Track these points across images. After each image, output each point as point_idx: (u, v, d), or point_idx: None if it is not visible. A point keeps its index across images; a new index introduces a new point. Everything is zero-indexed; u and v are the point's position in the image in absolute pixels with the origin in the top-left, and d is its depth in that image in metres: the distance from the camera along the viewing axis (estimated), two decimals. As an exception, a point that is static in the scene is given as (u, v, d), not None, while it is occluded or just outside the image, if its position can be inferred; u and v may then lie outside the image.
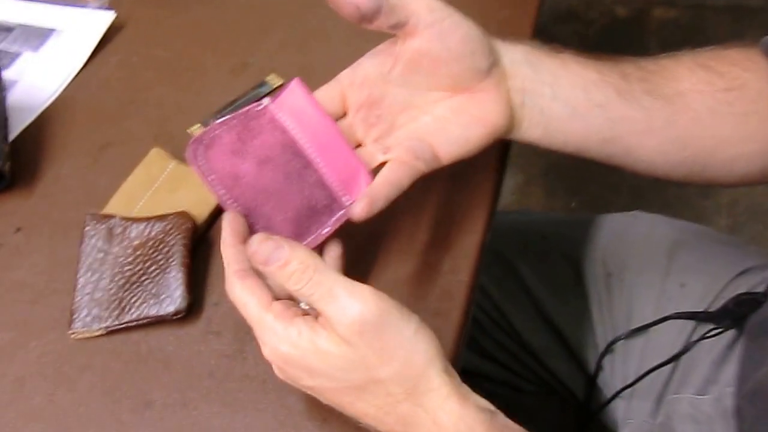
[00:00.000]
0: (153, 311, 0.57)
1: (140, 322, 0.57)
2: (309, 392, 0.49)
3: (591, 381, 0.79)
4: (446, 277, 0.59)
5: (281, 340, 0.46)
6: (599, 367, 0.78)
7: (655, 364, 0.73)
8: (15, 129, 0.72)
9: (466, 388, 0.47)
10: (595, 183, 1.73)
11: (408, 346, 0.45)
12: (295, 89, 0.53)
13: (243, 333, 0.57)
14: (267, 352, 0.48)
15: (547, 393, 0.85)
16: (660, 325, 0.74)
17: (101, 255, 0.60)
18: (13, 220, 0.66)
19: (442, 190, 0.64)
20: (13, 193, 0.68)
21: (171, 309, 0.57)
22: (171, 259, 0.59)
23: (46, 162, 0.70)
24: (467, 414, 0.46)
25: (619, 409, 0.76)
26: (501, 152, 0.67)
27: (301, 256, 0.46)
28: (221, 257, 0.61)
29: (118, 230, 0.62)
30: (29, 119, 0.73)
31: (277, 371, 0.49)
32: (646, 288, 0.79)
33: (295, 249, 0.46)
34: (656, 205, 1.67)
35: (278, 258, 0.46)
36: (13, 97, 0.75)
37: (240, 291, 0.48)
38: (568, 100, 0.54)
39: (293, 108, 0.52)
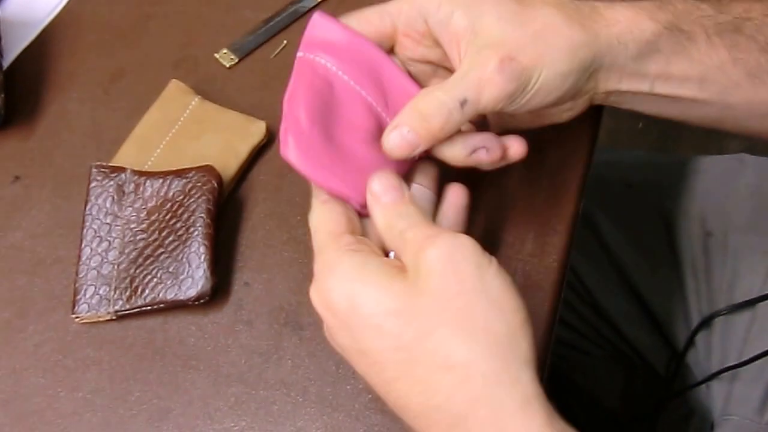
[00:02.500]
0: (170, 294, 0.47)
1: (156, 306, 0.47)
2: (350, 361, 0.38)
3: (679, 357, 0.68)
4: (529, 261, 0.48)
5: (331, 272, 0.37)
6: (690, 342, 0.67)
7: (763, 347, 0.62)
8: (11, 51, 0.61)
9: (551, 407, 0.35)
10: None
11: (493, 314, 0.34)
12: (317, 23, 0.42)
13: (279, 324, 0.47)
14: (312, 292, 0.38)
15: (615, 359, 0.74)
16: (770, 300, 0.63)
17: (110, 219, 0.50)
18: (11, 167, 0.56)
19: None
20: (10, 132, 0.57)
21: (192, 293, 0.47)
22: (192, 229, 0.49)
23: (48, 94, 0.59)
24: None
25: (715, 398, 0.66)
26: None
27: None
28: (252, 223, 0.51)
29: (130, 188, 0.51)
30: (27, 39, 0.62)
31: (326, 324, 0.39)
32: (755, 253, 0.67)
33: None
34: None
35: (396, 197, 0.38)
36: (7, 10, 0.63)
37: (316, 214, 0.40)
38: (668, 93, 0.43)
39: (326, 43, 0.41)
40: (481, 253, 0.35)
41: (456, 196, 0.42)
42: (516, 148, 0.42)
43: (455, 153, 0.41)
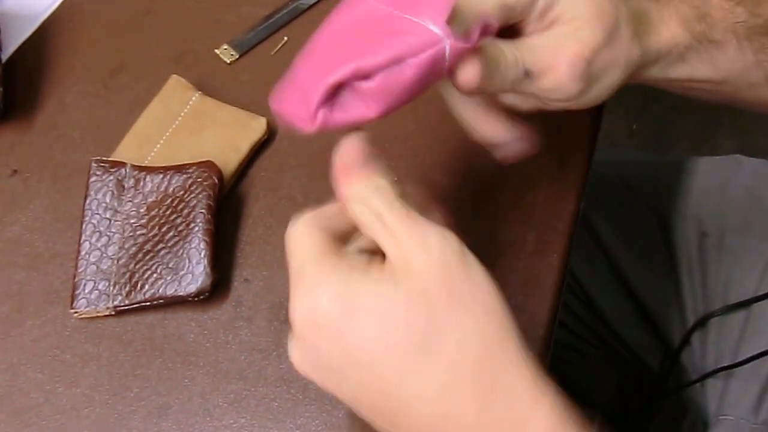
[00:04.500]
0: (170, 290, 0.47)
1: (155, 302, 0.47)
2: (331, 385, 0.36)
3: (673, 357, 0.68)
4: (530, 260, 0.48)
5: (318, 285, 0.34)
6: (685, 342, 0.67)
7: (758, 348, 0.62)
8: (10, 44, 0.60)
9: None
10: (659, 102, 1.56)
11: (485, 300, 0.34)
12: None
13: (279, 320, 0.47)
14: (296, 311, 0.35)
15: (610, 359, 0.75)
16: (766, 301, 0.63)
17: (109, 214, 0.50)
18: (9, 160, 0.56)
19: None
20: (9, 125, 0.57)
21: (192, 289, 0.47)
22: (192, 225, 0.49)
23: (48, 88, 0.59)
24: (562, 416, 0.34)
25: (709, 398, 0.66)
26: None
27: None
28: (253, 220, 0.51)
29: (130, 183, 0.51)
30: (27, 32, 0.61)
31: (295, 350, 0.36)
32: (750, 254, 0.68)
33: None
34: (728, 130, 1.51)
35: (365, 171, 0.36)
36: (7, 3, 0.62)
37: (294, 238, 0.36)
38: (686, 87, 0.44)
39: None
40: (465, 249, 0.35)
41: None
42: None
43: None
